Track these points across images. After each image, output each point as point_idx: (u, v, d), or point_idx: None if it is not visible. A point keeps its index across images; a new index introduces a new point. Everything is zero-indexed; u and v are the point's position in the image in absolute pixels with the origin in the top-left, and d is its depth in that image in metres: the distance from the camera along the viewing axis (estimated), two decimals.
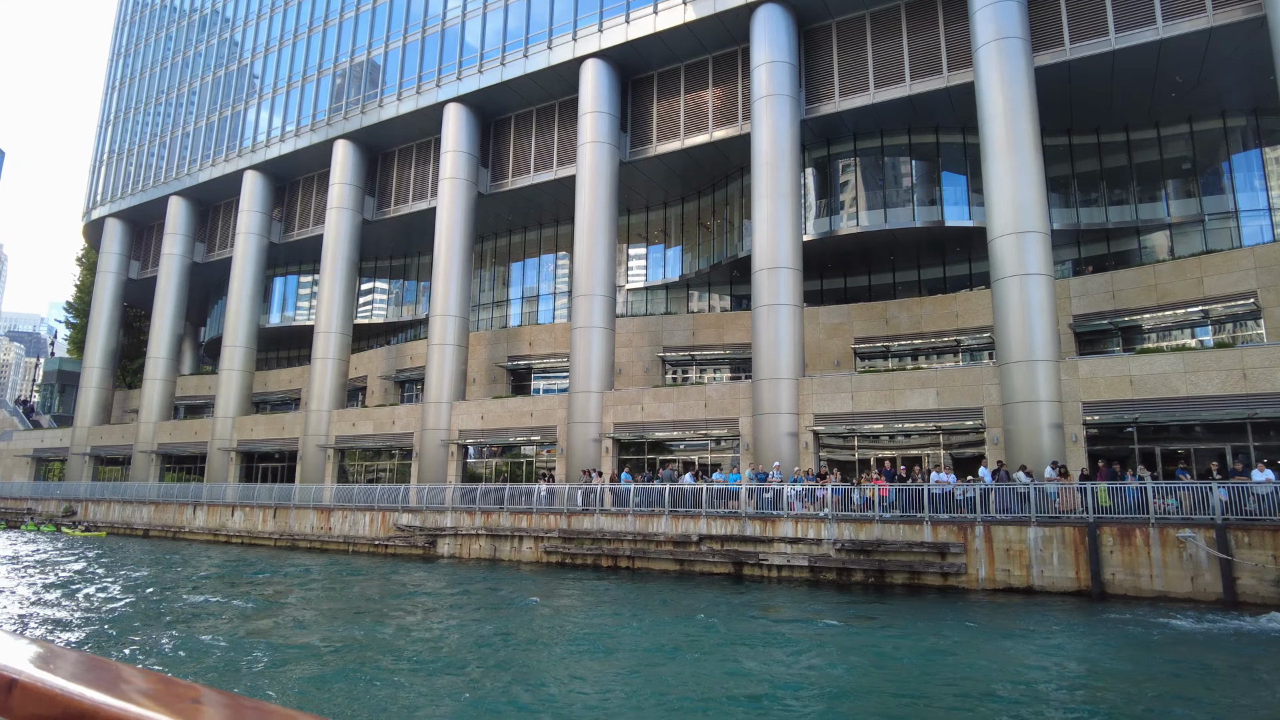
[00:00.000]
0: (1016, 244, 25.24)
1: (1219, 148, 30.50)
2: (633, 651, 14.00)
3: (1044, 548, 20.85)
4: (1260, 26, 24.89)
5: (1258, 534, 18.95)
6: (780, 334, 28.40)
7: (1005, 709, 10.16)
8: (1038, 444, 23.84)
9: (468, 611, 18.21)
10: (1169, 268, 27.59)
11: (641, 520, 26.62)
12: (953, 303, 31.90)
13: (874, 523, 22.99)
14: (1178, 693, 11.31)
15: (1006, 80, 26.24)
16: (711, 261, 37.50)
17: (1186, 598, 19.23)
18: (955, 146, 32.19)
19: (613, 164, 34.14)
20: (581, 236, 33.36)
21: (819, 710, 10.19)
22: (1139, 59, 27.06)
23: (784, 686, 11.39)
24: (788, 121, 30.07)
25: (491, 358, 39.66)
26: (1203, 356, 22.80)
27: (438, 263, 37.15)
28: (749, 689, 11.28)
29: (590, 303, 32.67)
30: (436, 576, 24.95)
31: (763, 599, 20.35)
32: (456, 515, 30.60)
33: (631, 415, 31.16)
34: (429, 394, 35.98)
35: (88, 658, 1.04)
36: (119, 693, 0.88)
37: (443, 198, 37.56)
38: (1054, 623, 16.83)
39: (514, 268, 43.99)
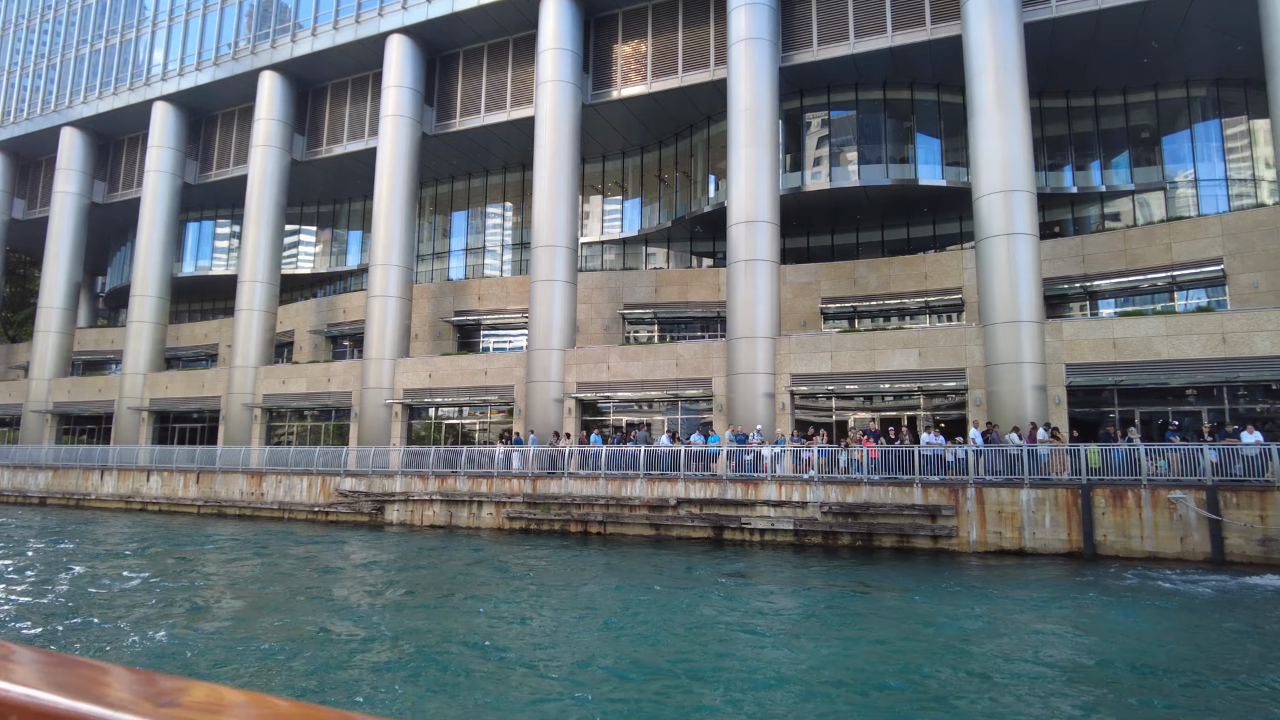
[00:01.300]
0: (1004, 203, 24.75)
1: (1181, 116, 30.87)
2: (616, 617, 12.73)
3: (1036, 509, 20.60)
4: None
5: (1246, 495, 19.12)
6: (758, 291, 27.28)
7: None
8: (1020, 405, 23.62)
9: (424, 578, 16.52)
10: (1139, 233, 27.80)
11: (614, 484, 25.26)
12: (922, 264, 31.49)
13: (862, 485, 22.32)
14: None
15: (997, 34, 25.53)
16: (674, 216, 35.98)
17: (1176, 558, 19.31)
18: (930, 104, 31.54)
19: (575, 105, 32.01)
20: (542, 183, 31.25)
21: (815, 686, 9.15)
22: (1121, 20, 26.80)
23: (800, 667, 10.33)
24: (767, 67, 28.66)
25: (436, 312, 37.19)
26: (1185, 320, 22.92)
27: (378, 208, 34.29)
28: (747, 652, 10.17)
29: (552, 255, 30.72)
30: (386, 545, 22.97)
31: (754, 565, 19.37)
32: (407, 480, 28.49)
33: (596, 375, 29.59)
34: (370, 350, 33.38)
35: (56, 656, 0.91)
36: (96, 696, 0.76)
37: (384, 137, 34.59)
38: (1081, 591, 16.43)
39: (457, 217, 41.33)
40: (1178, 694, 9.01)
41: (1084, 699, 8.70)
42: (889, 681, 9.33)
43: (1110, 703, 8.58)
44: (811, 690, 9.01)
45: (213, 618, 12.81)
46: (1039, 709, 8.35)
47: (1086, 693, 8.95)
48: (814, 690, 9.01)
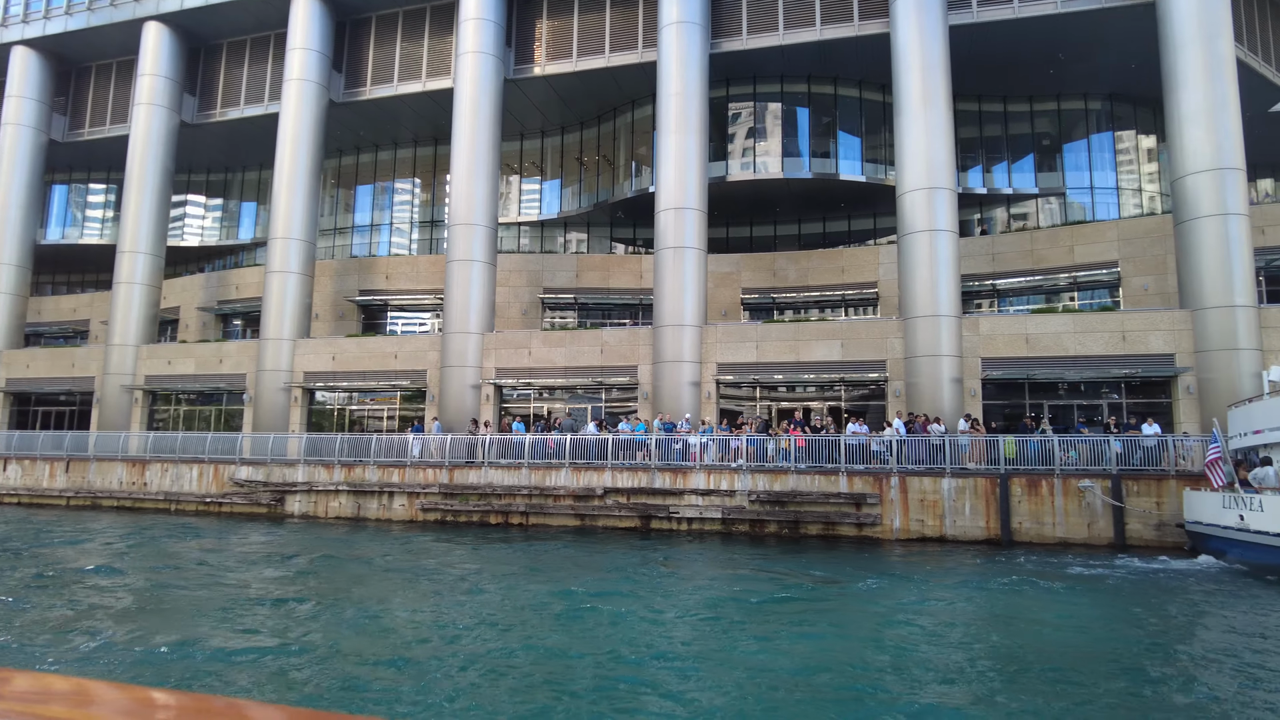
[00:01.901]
0: (927, 199, 25.36)
1: (1079, 127, 32.62)
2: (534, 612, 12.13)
3: (957, 498, 21.22)
4: (1146, 13, 26.38)
5: (1145, 483, 20.31)
6: (686, 279, 26.98)
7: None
8: (938, 397, 24.31)
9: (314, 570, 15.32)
10: (1045, 235, 29.18)
11: (538, 473, 24.44)
12: (840, 258, 32.04)
13: (789, 473, 22.43)
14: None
15: (924, 34, 26.10)
16: (595, 200, 35.23)
17: (1084, 543, 20.33)
18: (852, 100, 32.07)
19: (498, 80, 30.73)
20: (461, 158, 29.85)
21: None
22: (1035, 30, 27.91)
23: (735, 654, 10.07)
24: (698, 52, 28.34)
25: (339, 291, 35.04)
26: (1090, 318, 24.17)
27: (279, 178, 31.94)
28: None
29: (470, 233, 29.41)
30: (285, 539, 21.34)
31: (683, 555, 19.05)
32: (310, 468, 26.68)
33: (517, 360, 28.58)
34: (267, 329, 31.08)
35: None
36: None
37: (288, 102, 32.20)
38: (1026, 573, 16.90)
39: (362, 191, 39.10)
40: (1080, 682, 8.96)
41: (989, 685, 8.68)
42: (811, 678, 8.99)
43: (1017, 689, 8.57)
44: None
45: (55, 626, 11.03)
46: (959, 695, 8.26)
47: (993, 678, 8.95)
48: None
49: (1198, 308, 23.11)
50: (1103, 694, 8.33)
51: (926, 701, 8.00)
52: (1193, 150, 23.72)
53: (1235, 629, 11.77)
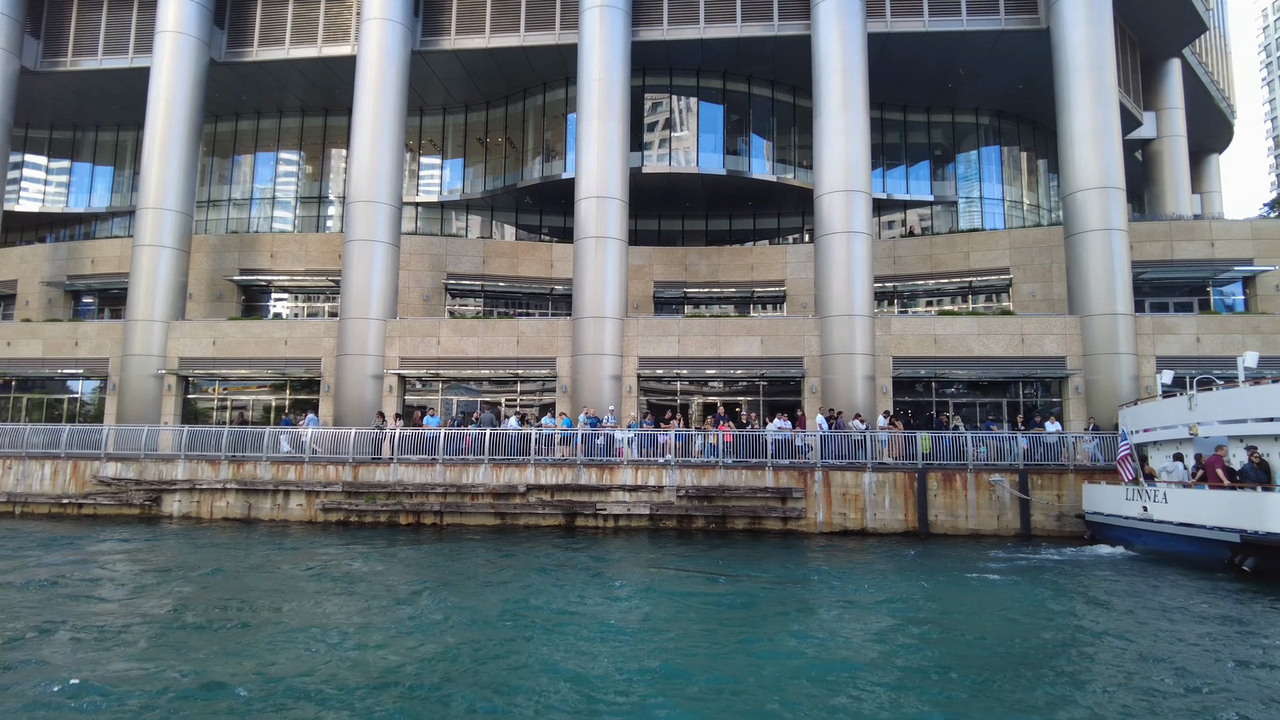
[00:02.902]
0: (845, 202, 26.03)
1: (970, 139, 34.62)
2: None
3: (878, 492, 21.92)
4: (1038, 38, 28.25)
5: (1047, 477, 21.77)
6: (608, 270, 26.39)
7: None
8: (853, 393, 25.06)
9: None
10: (943, 240, 30.73)
11: (454, 470, 23.19)
12: (749, 255, 32.45)
13: (717, 468, 22.42)
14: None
15: (845, 39, 26.73)
16: (501, 183, 33.89)
17: (994, 534, 21.54)
18: (765, 100, 32.49)
19: (405, 49, 28.88)
20: (364, 131, 27.83)
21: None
22: (940, 44, 29.27)
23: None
24: (621, 38, 27.75)
25: (216, 269, 31.85)
26: (992, 321, 25.64)
27: (151, 141, 28.62)
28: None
29: (372, 212, 27.49)
30: (159, 545, 19.15)
31: (611, 553, 18.59)
32: (192, 465, 24.11)
33: (425, 350, 27.00)
34: (135, 309, 27.82)
35: None
36: None
37: (162, 56, 28.88)
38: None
39: (239, 161, 35.79)
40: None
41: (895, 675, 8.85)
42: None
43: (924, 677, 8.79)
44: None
45: None
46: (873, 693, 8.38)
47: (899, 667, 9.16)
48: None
49: (1085, 314, 25.02)
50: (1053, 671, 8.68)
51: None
52: (1081, 169, 25.61)
53: (1155, 607, 12.60)
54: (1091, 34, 25.90)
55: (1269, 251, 27.48)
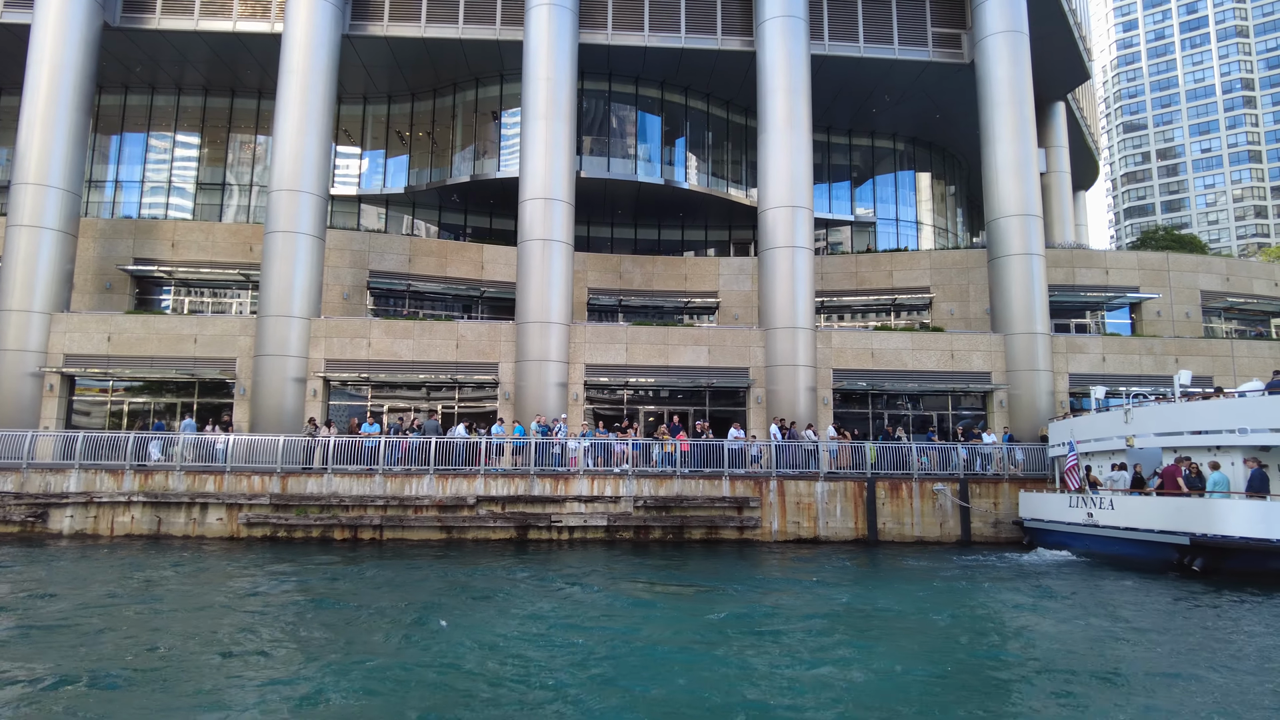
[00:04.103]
0: (789, 217, 26.58)
1: (887, 162, 36.33)
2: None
3: (829, 501, 22.39)
4: (959, 72, 30.03)
5: (985, 485, 22.96)
6: (553, 274, 25.68)
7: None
8: (796, 404, 25.55)
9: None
10: (868, 259, 31.95)
11: (395, 481, 21.76)
12: (683, 265, 32.53)
13: (674, 478, 22.21)
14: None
15: (790, 57, 27.36)
16: (427, 179, 32.36)
17: (937, 540, 22.46)
18: (700, 113, 32.77)
19: (336, 31, 27.07)
20: (289, 114, 25.82)
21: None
22: (871, 71, 30.55)
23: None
24: (569, 37, 27.19)
25: (105, 257, 28.46)
26: (924, 337, 26.85)
27: (31, 108, 25.33)
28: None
29: (296, 201, 25.50)
30: (37, 572, 16.87)
31: (571, 566, 18.02)
32: (87, 475, 21.38)
33: (354, 351, 25.25)
34: (9, 298, 24.45)
35: None
36: None
37: (45, 13, 25.65)
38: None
39: (130, 140, 32.35)
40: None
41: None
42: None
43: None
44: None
45: None
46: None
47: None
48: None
49: (1008, 333, 26.68)
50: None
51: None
52: (1004, 197, 27.36)
53: (1108, 603, 13.48)
54: (1014, 73, 27.77)
55: (1151, 281, 30.34)
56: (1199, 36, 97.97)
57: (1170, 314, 29.97)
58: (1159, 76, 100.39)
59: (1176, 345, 27.42)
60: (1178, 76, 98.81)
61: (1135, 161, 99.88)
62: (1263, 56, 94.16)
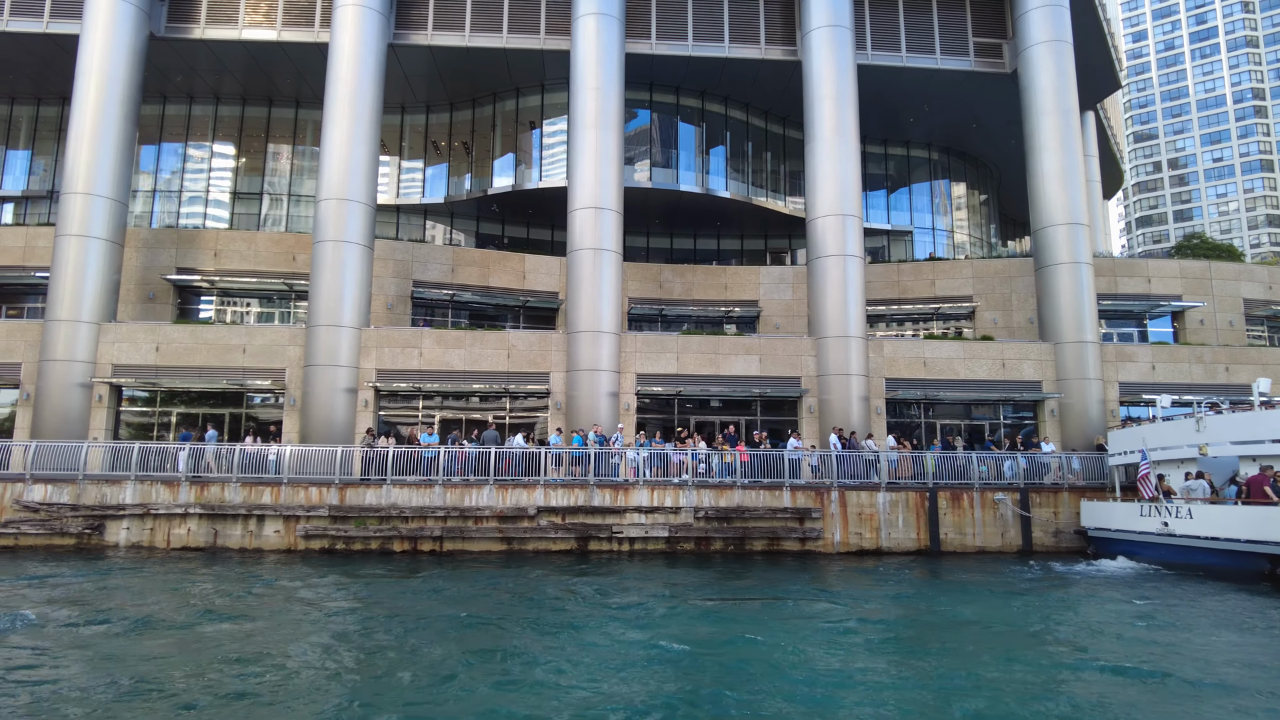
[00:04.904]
0: (839, 226, 26.52)
1: (920, 171, 36.34)
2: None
3: (891, 511, 22.22)
4: (997, 81, 30.08)
5: (1045, 495, 22.82)
6: (604, 283, 25.55)
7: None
8: (848, 414, 25.40)
9: None
10: (910, 268, 31.90)
11: (455, 492, 21.55)
12: (723, 275, 32.44)
13: (734, 489, 22.03)
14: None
15: (837, 67, 27.36)
16: (467, 189, 32.27)
17: (998, 550, 22.30)
18: (740, 123, 32.77)
19: (382, 39, 27.02)
20: (337, 123, 25.71)
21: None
22: (909, 81, 30.56)
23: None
24: (616, 47, 27.17)
25: (148, 267, 28.25)
26: (975, 346, 26.77)
27: (81, 117, 25.21)
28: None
29: (345, 210, 25.37)
30: (95, 582, 16.70)
31: (640, 577, 17.83)
32: (144, 487, 21.15)
33: (405, 361, 25.07)
34: (57, 308, 24.26)
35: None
36: None
37: (94, 23, 25.57)
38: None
39: (167, 150, 32.21)
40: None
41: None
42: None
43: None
44: None
45: None
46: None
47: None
48: None
49: (1057, 341, 26.60)
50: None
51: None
52: (1051, 206, 27.34)
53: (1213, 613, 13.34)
54: (1058, 82, 27.80)
55: (1193, 289, 30.31)
56: (1209, 47, 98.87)
57: (1214, 322, 29.93)
58: (1169, 86, 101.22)
59: (1226, 354, 27.39)
60: (1188, 86, 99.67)
61: (1146, 171, 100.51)
62: (1273, 66, 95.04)
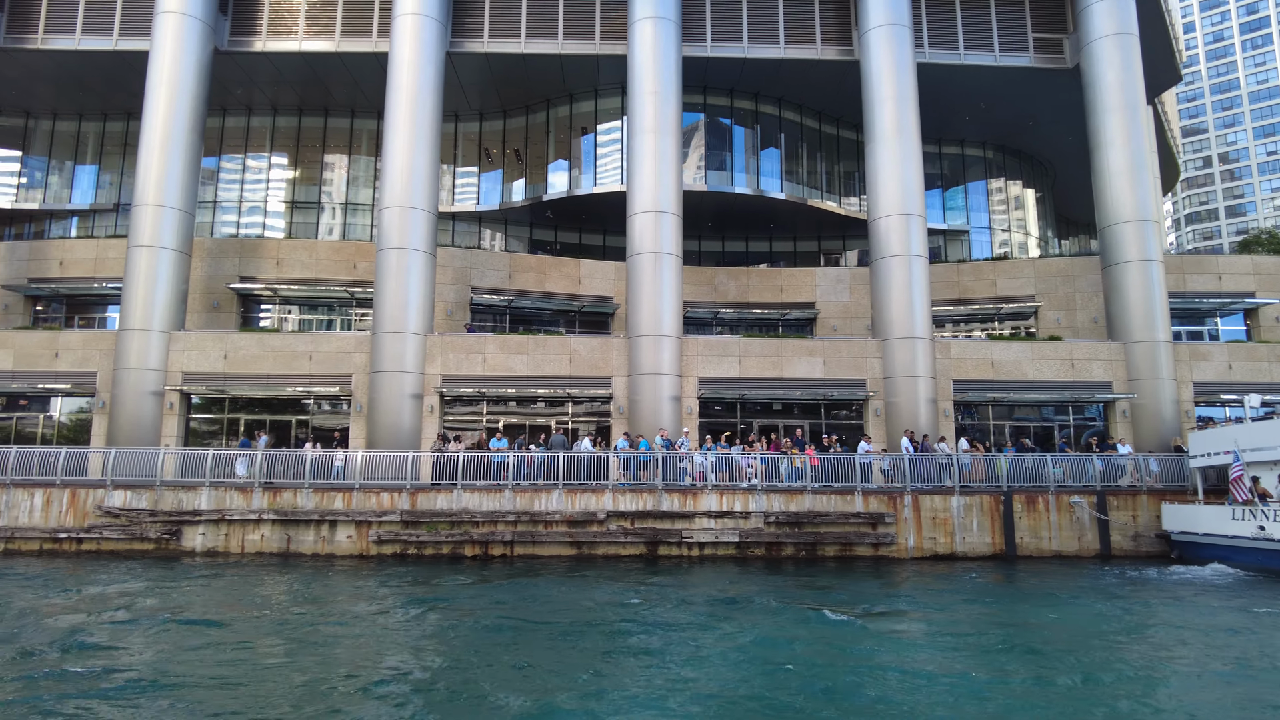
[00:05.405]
0: (902, 225, 26.17)
1: (976, 169, 35.80)
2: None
3: (965, 515, 21.81)
4: (1060, 74, 29.53)
5: (1122, 498, 22.25)
6: (664, 286, 25.47)
7: None
8: (916, 416, 25.01)
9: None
10: (970, 268, 31.41)
11: (525, 496, 21.54)
12: (778, 277, 32.19)
13: (805, 493, 21.76)
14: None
15: (897, 65, 27.05)
16: (522, 196, 32.39)
17: (1075, 554, 21.78)
18: (794, 124, 32.53)
19: (441, 47, 27.21)
20: (399, 132, 25.91)
21: None
22: (964, 78, 30.11)
23: None
24: (674, 51, 27.11)
25: (213, 276, 28.72)
26: (1043, 346, 26.25)
27: (151, 131, 25.69)
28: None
29: (408, 218, 25.54)
30: (181, 588, 16.85)
31: (718, 582, 17.63)
32: (219, 493, 21.41)
33: (469, 367, 25.17)
34: (130, 318, 24.69)
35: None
36: None
37: (163, 39, 26.06)
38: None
39: (227, 161, 32.74)
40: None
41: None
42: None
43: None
44: None
45: None
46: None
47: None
48: None
49: (1128, 341, 25.98)
50: None
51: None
52: (1118, 202, 26.74)
53: None
54: (1124, 76, 27.22)
55: (1267, 286, 29.46)
56: (1260, 38, 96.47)
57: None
58: (1219, 79, 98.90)
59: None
60: (1239, 79, 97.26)
61: (1195, 166, 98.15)
62: None
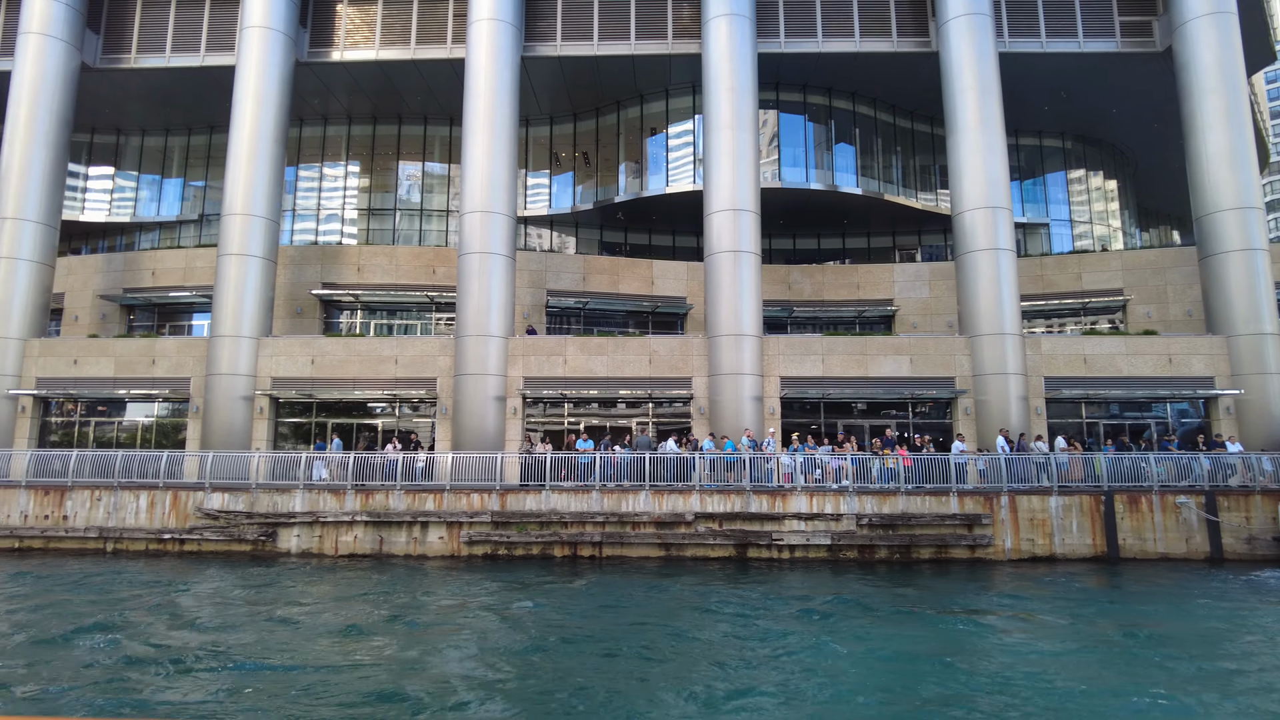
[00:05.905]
0: (988, 219, 25.49)
1: (1055, 160, 34.76)
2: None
3: (1064, 516, 21.08)
4: (1147, 59, 28.47)
5: (1235, 499, 21.25)
6: (743, 285, 25.21)
7: None
8: (1007, 414, 24.31)
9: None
10: (1053, 261, 30.49)
11: (612, 497, 21.49)
12: (854, 274, 31.68)
13: (898, 495, 21.28)
14: None
15: (979, 56, 26.38)
16: (594, 198, 32.47)
17: (1183, 557, 20.88)
18: (868, 119, 32.00)
19: (516, 52, 27.40)
20: (477, 135, 26.16)
21: None
22: (1047, 66, 29.22)
23: None
24: (749, 47, 26.85)
25: (296, 282, 29.40)
26: (1138, 341, 25.30)
27: (238, 143, 26.36)
28: None
29: (488, 223, 25.75)
30: (283, 587, 17.11)
31: (817, 587, 17.27)
32: (312, 495, 21.81)
33: (550, 369, 25.25)
34: (221, 325, 25.35)
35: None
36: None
37: (249, 54, 26.73)
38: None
39: (304, 170, 33.49)
40: None
41: None
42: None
43: None
44: None
45: None
46: None
47: None
48: None
49: (1230, 334, 24.89)
50: None
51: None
52: (1217, 189, 25.64)
53: None
54: (1223, 56, 26.13)
55: None
56: None
57: None
58: None
59: None
60: None
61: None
62: None
